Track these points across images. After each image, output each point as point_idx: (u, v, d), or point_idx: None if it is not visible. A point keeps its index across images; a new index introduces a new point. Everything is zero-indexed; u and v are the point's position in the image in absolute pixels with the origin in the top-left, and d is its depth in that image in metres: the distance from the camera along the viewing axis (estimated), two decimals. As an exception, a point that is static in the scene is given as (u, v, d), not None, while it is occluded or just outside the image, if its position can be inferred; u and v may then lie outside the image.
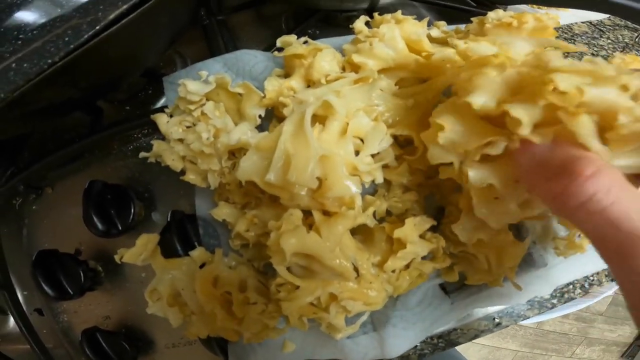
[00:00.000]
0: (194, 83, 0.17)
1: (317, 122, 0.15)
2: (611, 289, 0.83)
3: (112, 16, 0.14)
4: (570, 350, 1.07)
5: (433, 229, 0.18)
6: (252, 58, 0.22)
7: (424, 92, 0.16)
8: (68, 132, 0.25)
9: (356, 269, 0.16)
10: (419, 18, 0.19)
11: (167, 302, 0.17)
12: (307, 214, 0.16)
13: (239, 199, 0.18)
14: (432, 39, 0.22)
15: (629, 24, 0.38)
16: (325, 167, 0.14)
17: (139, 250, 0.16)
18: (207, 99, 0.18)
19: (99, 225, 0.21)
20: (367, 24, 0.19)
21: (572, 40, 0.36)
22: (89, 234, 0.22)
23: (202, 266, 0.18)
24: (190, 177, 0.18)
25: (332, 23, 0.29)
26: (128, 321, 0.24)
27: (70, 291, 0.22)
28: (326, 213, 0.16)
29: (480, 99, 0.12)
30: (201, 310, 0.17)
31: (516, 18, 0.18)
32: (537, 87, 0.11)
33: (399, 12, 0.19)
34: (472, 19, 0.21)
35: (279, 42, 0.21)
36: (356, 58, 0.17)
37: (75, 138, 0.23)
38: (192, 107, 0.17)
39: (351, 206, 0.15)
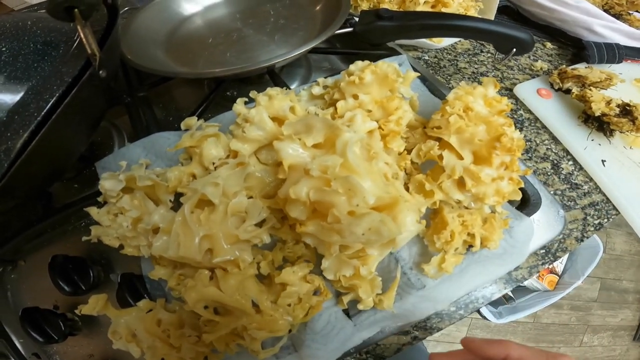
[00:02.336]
0: (109, 182, 0.26)
1: (205, 206, 0.24)
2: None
3: (19, 143, 0.22)
4: (578, 340, 1.15)
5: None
6: (165, 140, 0.30)
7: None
8: (28, 215, 0.34)
9: (257, 306, 0.25)
10: (333, 69, 0.27)
11: (126, 339, 0.27)
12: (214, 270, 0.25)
13: (169, 263, 0.27)
14: (313, 96, 0.30)
15: None
16: (211, 241, 0.23)
17: (92, 306, 0.26)
18: (130, 189, 0.27)
19: (67, 289, 0.31)
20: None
21: (456, 60, 0.43)
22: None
23: (150, 312, 0.28)
24: (128, 250, 0.27)
25: (247, 82, 0.37)
26: (109, 357, 0.34)
27: (55, 337, 0.31)
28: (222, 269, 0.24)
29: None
30: (148, 344, 0.26)
31: (358, 75, 0.26)
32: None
33: (273, 90, 0.27)
34: (342, 71, 0.29)
35: (182, 125, 0.30)
36: (232, 145, 0.25)
37: (35, 220, 0.33)
38: (113, 200, 0.26)
39: (237, 266, 0.24)
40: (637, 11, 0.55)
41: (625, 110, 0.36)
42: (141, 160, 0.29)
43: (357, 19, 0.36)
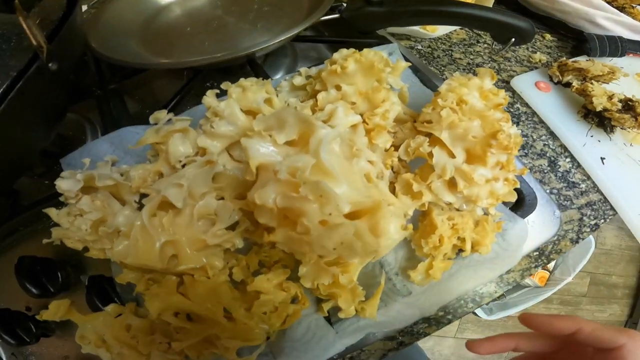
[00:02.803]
0: (65, 182, 0.23)
1: (170, 208, 0.21)
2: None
3: None
4: (566, 334, 1.15)
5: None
6: (135, 135, 0.27)
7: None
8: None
9: (230, 314, 0.22)
10: (321, 58, 0.23)
11: (95, 344, 0.24)
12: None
13: (135, 267, 0.24)
14: (294, 87, 0.27)
15: None
16: (175, 248, 0.20)
17: (53, 312, 0.23)
18: (93, 188, 0.24)
19: (34, 291, 0.29)
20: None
21: (450, 50, 0.39)
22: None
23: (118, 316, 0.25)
24: (93, 253, 0.25)
25: (229, 72, 0.33)
26: (84, 358, 0.32)
27: (26, 339, 0.30)
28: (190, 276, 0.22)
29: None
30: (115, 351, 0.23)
31: (339, 64, 0.23)
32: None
33: (242, 80, 0.24)
34: (325, 61, 0.26)
35: (151, 119, 0.26)
36: (200, 142, 0.22)
37: (1, 219, 0.30)
38: (72, 201, 0.23)
39: (205, 273, 0.21)
40: None
41: (628, 105, 0.33)
42: (107, 157, 0.26)
43: (345, 5, 0.32)
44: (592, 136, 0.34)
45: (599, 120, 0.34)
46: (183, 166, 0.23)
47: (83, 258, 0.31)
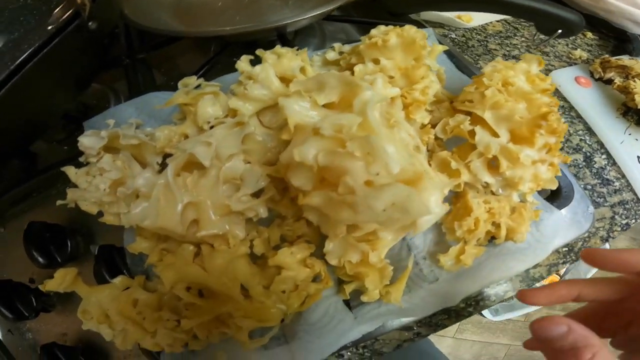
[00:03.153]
0: (88, 139, 0.22)
1: (195, 169, 0.20)
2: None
3: None
4: (567, 340, 1.12)
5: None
6: (160, 100, 0.26)
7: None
8: (10, 177, 0.30)
9: (247, 291, 0.21)
10: (345, 34, 0.22)
11: (98, 320, 0.23)
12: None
13: (150, 235, 0.23)
14: (327, 62, 0.26)
15: None
16: (197, 211, 0.19)
17: (58, 281, 0.22)
18: (115, 149, 0.23)
19: (41, 260, 0.27)
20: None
21: (485, 42, 0.38)
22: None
23: (126, 290, 0.24)
24: (108, 218, 0.23)
25: (256, 47, 0.33)
26: (83, 337, 0.30)
27: (25, 313, 0.28)
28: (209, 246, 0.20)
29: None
30: (119, 327, 0.22)
31: (381, 37, 0.22)
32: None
33: (277, 47, 0.23)
34: (361, 37, 0.24)
35: (180, 84, 0.25)
36: (231, 103, 0.21)
37: (16, 182, 0.29)
38: (93, 159, 0.22)
39: (226, 243, 0.20)
40: None
41: (669, 104, 0.32)
42: (131, 120, 0.25)
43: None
44: (630, 134, 0.32)
45: (638, 118, 0.32)
46: (211, 128, 0.22)
47: (94, 227, 0.30)
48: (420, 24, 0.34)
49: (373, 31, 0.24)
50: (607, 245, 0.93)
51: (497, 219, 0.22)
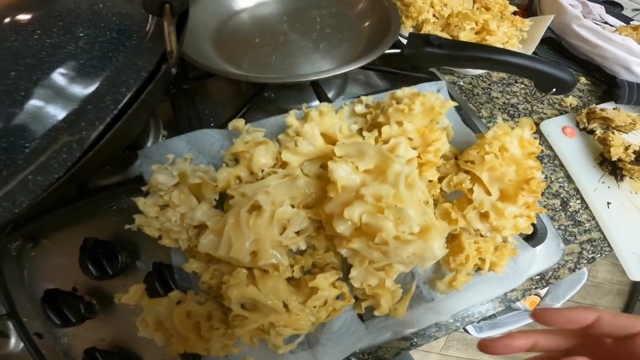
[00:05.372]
0: (162, 176, 0.29)
1: (254, 211, 0.28)
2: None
3: (94, 135, 0.25)
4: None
5: (344, 278, 0.31)
6: (209, 137, 0.34)
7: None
8: (62, 195, 0.37)
9: (287, 306, 0.30)
10: (369, 83, 0.30)
11: (153, 329, 0.31)
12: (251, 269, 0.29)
13: (203, 257, 0.31)
14: (355, 113, 0.34)
15: None
16: (257, 244, 0.27)
17: (132, 296, 0.30)
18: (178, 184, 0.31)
19: (94, 272, 0.35)
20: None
21: (489, 88, 0.48)
22: (83, 276, 0.35)
23: (178, 303, 0.32)
24: (166, 241, 0.31)
25: (290, 87, 0.40)
26: (120, 342, 0.36)
27: (72, 320, 0.33)
28: (261, 270, 0.29)
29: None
30: (178, 334, 0.30)
31: (407, 105, 0.31)
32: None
33: (323, 105, 0.31)
34: (387, 94, 0.33)
35: (230, 126, 0.33)
36: (284, 156, 0.29)
37: (65, 201, 0.35)
38: (162, 193, 0.29)
39: (277, 268, 0.28)
40: None
41: (640, 157, 0.42)
42: (186, 155, 0.33)
43: (402, 40, 0.39)
44: (603, 182, 0.43)
45: (612, 168, 0.43)
46: (263, 176, 0.30)
47: (139, 244, 0.37)
48: (434, 74, 0.43)
49: (399, 93, 0.33)
50: (585, 271, 1.09)
51: (483, 255, 0.32)
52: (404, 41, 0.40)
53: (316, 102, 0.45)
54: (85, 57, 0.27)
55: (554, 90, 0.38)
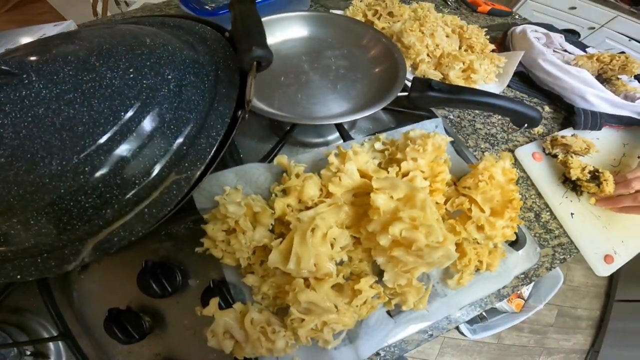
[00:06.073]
0: (232, 206, 0.40)
1: (310, 231, 0.40)
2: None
3: (197, 173, 0.35)
4: (534, 361, 1.48)
5: (378, 281, 0.43)
6: (256, 171, 0.45)
7: (363, 206, 0.41)
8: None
9: (336, 306, 0.41)
10: (375, 118, 0.42)
11: (221, 337, 0.41)
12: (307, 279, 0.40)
13: (260, 272, 0.42)
14: (374, 149, 0.47)
15: (517, 98, 0.68)
16: (317, 258, 0.39)
17: (211, 308, 0.39)
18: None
19: (158, 290, 0.44)
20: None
21: (474, 121, 0.64)
22: (137, 294, 0.41)
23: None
24: (227, 260, 0.42)
25: (316, 125, 0.52)
26: (174, 356, 0.46)
27: (136, 336, 0.40)
28: (315, 279, 0.40)
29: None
30: (245, 340, 0.40)
31: (421, 145, 0.44)
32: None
33: (356, 146, 0.44)
34: (398, 132, 0.47)
35: (275, 162, 0.45)
36: (331, 188, 0.41)
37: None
38: (229, 220, 0.40)
39: (330, 276, 0.40)
40: (626, 76, 0.75)
41: (595, 175, 0.58)
42: (238, 186, 0.44)
43: (406, 82, 0.53)
44: (566, 197, 0.59)
45: (573, 186, 0.59)
46: (313, 204, 0.42)
47: (187, 264, 0.47)
48: (432, 112, 0.57)
49: (411, 134, 0.46)
50: (560, 274, 1.31)
51: (481, 258, 0.46)
52: (408, 83, 0.53)
53: (333, 136, 0.58)
54: (177, 100, 0.32)
55: (526, 125, 0.54)
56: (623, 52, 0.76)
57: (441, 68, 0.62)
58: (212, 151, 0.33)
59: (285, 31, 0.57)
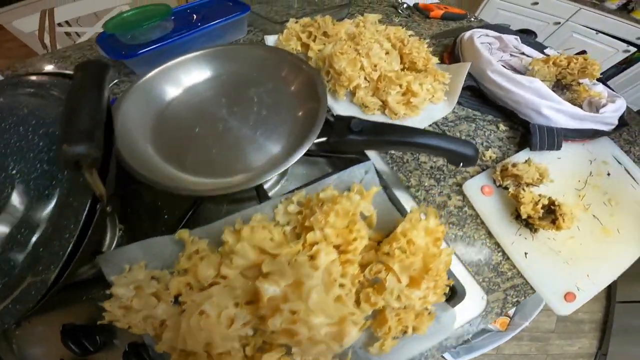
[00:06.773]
0: (121, 289, 0.38)
1: (203, 314, 0.38)
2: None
3: (52, 277, 0.34)
4: (538, 369, 1.44)
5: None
6: (161, 244, 0.43)
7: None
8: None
9: None
10: (315, 165, 0.39)
11: None
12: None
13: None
14: (288, 212, 0.43)
15: (469, 117, 0.59)
16: (211, 338, 0.37)
17: None
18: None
19: (77, 350, 0.44)
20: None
21: (417, 156, 0.57)
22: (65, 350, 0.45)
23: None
24: (135, 330, 0.40)
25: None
26: None
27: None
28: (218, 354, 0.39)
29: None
30: None
31: (324, 216, 0.40)
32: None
33: (253, 225, 0.40)
34: (313, 195, 0.42)
35: (176, 236, 0.42)
36: (222, 270, 0.38)
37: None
38: (124, 300, 0.39)
39: (229, 355, 0.38)
40: (587, 79, 0.66)
41: (550, 209, 0.52)
42: (141, 263, 0.42)
43: (331, 120, 0.47)
44: (520, 234, 0.53)
45: (525, 222, 0.53)
46: (208, 285, 0.40)
47: (113, 326, 0.47)
48: (364, 154, 0.51)
49: (321, 195, 0.42)
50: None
51: (405, 323, 0.42)
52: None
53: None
54: (27, 199, 0.32)
55: (462, 164, 0.47)
56: (584, 52, 0.64)
57: (379, 94, 0.55)
58: (66, 254, 0.32)
59: (191, 75, 0.53)
